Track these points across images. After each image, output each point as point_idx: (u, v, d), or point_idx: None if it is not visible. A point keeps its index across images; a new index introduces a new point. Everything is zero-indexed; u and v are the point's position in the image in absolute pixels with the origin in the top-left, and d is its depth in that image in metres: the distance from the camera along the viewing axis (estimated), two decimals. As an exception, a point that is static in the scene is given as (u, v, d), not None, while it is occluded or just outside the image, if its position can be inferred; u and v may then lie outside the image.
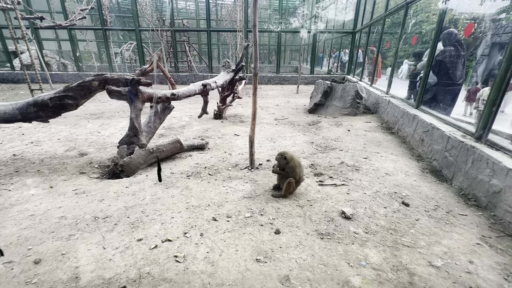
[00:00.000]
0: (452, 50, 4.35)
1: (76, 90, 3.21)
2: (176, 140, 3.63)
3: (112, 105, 7.46)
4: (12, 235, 1.98)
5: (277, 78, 13.04)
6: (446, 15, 4.42)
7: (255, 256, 1.80)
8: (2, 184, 2.85)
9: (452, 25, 9.80)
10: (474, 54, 10.05)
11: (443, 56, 4.45)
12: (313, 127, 5.35)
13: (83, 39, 15.65)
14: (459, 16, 9.96)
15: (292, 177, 2.50)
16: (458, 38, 4.38)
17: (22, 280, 1.58)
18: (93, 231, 2.04)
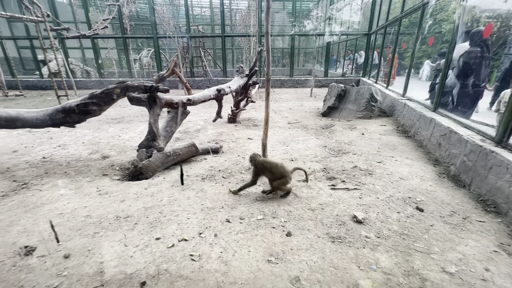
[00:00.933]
0: (477, 51, 4.22)
1: (100, 97, 3.43)
2: (191, 144, 3.77)
3: (131, 110, 7.80)
4: (45, 231, 2.16)
5: (290, 81, 13.07)
6: (466, 13, 4.30)
7: (266, 257, 1.86)
8: (34, 185, 3.09)
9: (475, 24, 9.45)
10: (500, 53, 9.60)
11: (468, 58, 4.32)
12: (327, 131, 5.34)
13: (104, 47, 16.47)
14: (481, 14, 9.58)
15: (269, 177, 2.66)
16: (485, 38, 4.24)
17: (54, 272, 1.73)
18: (115, 229, 2.19)
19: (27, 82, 12.57)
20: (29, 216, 2.42)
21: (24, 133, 5.37)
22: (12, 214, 2.45)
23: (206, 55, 15.59)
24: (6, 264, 1.82)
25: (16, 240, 2.05)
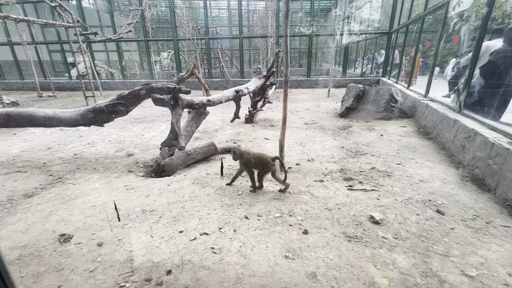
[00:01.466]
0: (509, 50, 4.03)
1: (127, 98, 3.66)
2: (211, 143, 3.91)
3: (153, 110, 8.13)
4: (79, 221, 2.37)
5: (307, 82, 13.00)
6: (495, 9, 4.11)
7: (284, 252, 1.93)
8: (68, 179, 3.36)
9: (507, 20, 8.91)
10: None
11: (498, 56, 4.13)
12: (344, 132, 5.30)
13: (127, 49, 17.22)
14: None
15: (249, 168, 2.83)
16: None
17: (89, 258, 1.91)
18: (142, 222, 2.35)
19: (58, 84, 13.42)
20: (65, 207, 2.64)
21: (56, 131, 5.78)
22: (51, 205, 2.69)
23: (223, 56, 15.86)
24: (48, 249, 2.02)
25: (55, 228, 2.27)
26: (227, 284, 1.66)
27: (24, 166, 3.79)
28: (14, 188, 3.09)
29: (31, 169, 3.67)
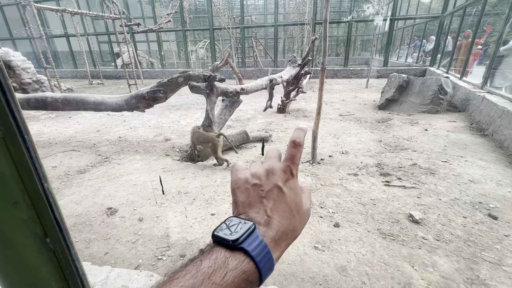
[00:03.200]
0: None
1: (166, 85, 3.83)
2: (243, 131, 3.96)
3: (189, 98, 8.44)
4: (123, 197, 2.59)
5: (344, 72, 12.37)
6: None
7: (313, 243, 1.91)
8: (114, 159, 3.67)
9: None
10: None
11: None
12: (383, 125, 4.98)
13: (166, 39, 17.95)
14: None
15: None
16: None
17: (132, 231, 2.09)
18: (177, 202, 2.49)
19: (105, 72, 14.57)
20: (111, 184, 2.91)
21: (104, 115, 6.32)
22: (99, 181, 2.98)
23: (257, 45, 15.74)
24: (97, 220, 2.25)
25: (103, 202, 2.51)
26: (255, 268, 1.69)
27: (78, 146, 4.23)
28: (70, 165, 3.48)
29: (83, 149, 4.09)
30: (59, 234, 0.77)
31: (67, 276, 0.83)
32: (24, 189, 0.69)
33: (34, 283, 0.78)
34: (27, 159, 0.66)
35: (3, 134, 0.63)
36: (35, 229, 0.73)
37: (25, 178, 0.68)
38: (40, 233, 0.74)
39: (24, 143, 0.65)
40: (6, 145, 0.64)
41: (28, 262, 0.75)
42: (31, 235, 0.73)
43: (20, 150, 0.65)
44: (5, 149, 0.64)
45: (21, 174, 0.67)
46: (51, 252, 0.78)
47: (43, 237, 0.75)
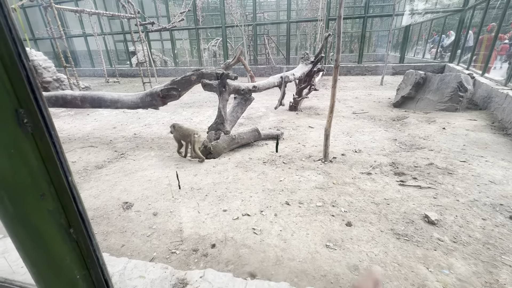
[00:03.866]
0: None
1: (180, 83, 3.90)
2: (255, 129, 3.97)
3: (201, 96, 8.54)
4: (138, 192, 2.67)
5: (358, 69, 12.10)
6: None
7: (325, 242, 1.90)
8: (129, 155, 3.78)
9: None
10: None
11: None
12: (398, 123, 4.85)
13: (179, 38, 18.18)
14: None
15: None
16: None
17: (146, 225, 2.15)
18: (190, 198, 2.54)
19: (121, 71, 14.96)
20: (127, 179, 3.00)
21: (120, 113, 6.51)
22: (116, 176, 3.09)
23: (269, 43, 15.65)
24: (114, 213, 2.34)
25: (119, 196, 2.60)
26: (266, 264, 1.71)
27: (95, 142, 4.39)
28: (88, 160, 3.61)
29: (100, 145, 4.24)
30: (81, 225, 0.81)
31: (88, 265, 0.88)
32: (50, 181, 0.73)
33: (59, 271, 0.83)
34: (53, 153, 0.70)
35: (32, 130, 0.67)
36: (60, 220, 0.78)
37: (51, 172, 0.72)
38: (64, 223, 0.79)
39: (50, 138, 0.69)
40: (34, 141, 0.68)
41: (53, 250, 0.80)
42: (56, 225, 0.78)
43: (47, 145, 0.69)
44: (34, 144, 0.68)
45: (47, 167, 0.71)
46: (74, 242, 0.83)
47: (67, 228, 0.80)
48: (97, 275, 0.89)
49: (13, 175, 0.67)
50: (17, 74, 0.61)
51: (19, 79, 0.62)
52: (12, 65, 0.60)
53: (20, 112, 0.63)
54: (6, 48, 0.58)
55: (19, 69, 0.60)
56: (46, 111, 0.67)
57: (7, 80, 0.61)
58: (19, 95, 0.63)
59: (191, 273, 1.18)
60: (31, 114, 0.65)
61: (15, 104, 0.63)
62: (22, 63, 0.61)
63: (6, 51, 0.58)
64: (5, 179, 0.67)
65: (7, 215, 0.72)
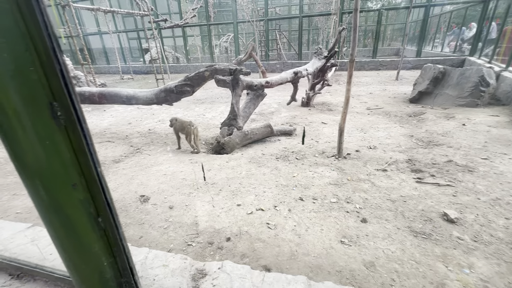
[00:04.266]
0: None
1: (193, 79, 3.94)
2: (267, 125, 3.97)
3: (213, 92, 8.59)
4: (154, 186, 2.74)
5: (372, 63, 11.80)
6: None
7: (339, 237, 1.89)
8: (144, 150, 3.88)
9: None
10: None
11: None
12: (414, 119, 4.71)
13: (191, 34, 18.29)
14: None
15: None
16: None
17: (163, 218, 2.21)
18: (205, 192, 2.58)
19: (135, 68, 15.25)
20: (143, 173, 3.08)
21: (134, 109, 6.66)
22: (132, 170, 3.17)
23: (281, 38, 15.49)
24: (132, 206, 2.41)
25: (137, 190, 2.68)
26: (281, 258, 1.72)
27: (112, 137, 4.52)
28: (106, 155, 3.73)
29: (117, 140, 4.36)
30: (109, 215, 0.85)
31: (115, 253, 0.91)
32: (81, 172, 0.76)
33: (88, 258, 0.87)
34: (84, 145, 0.73)
35: (64, 122, 0.70)
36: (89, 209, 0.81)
37: (82, 163, 0.75)
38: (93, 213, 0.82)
39: (82, 131, 0.72)
40: (67, 133, 0.71)
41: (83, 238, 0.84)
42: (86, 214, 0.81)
43: (79, 138, 0.72)
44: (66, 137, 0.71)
45: (79, 159, 0.74)
46: (102, 230, 0.86)
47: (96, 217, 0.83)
48: (123, 263, 0.92)
49: (47, 166, 0.71)
50: (52, 69, 0.64)
51: (54, 73, 0.64)
52: (47, 60, 0.62)
53: (54, 105, 0.66)
54: (43, 44, 0.61)
55: (54, 64, 0.63)
56: (78, 104, 0.70)
57: (42, 75, 0.63)
58: (53, 89, 0.65)
59: (209, 264, 1.21)
60: (64, 107, 0.68)
61: (49, 97, 0.66)
62: (57, 58, 0.63)
63: (42, 47, 0.61)
64: (40, 169, 0.71)
65: (42, 204, 0.76)
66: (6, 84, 0.60)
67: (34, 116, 0.65)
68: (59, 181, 0.73)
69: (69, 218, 0.78)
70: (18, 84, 0.61)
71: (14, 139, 0.66)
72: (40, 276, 1.17)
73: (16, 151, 0.68)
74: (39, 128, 0.67)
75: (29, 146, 0.68)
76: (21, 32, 0.59)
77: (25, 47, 0.60)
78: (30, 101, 0.63)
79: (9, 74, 0.59)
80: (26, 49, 0.60)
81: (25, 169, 0.70)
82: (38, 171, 0.71)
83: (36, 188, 0.73)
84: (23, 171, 0.71)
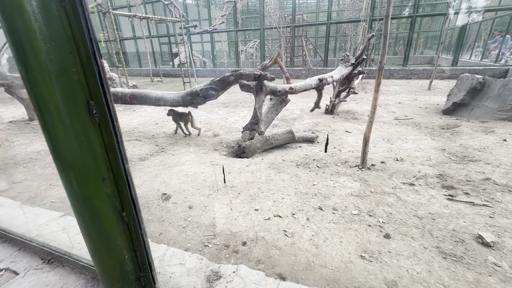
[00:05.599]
0: None
1: (218, 83, 4.03)
2: (289, 131, 3.94)
3: (237, 96, 8.73)
4: (176, 185, 2.82)
5: (402, 72, 11.31)
6: None
7: (359, 252, 1.81)
8: (168, 150, 4.02)
9: None
10: None
11: None
12: (447, 132, 4.42)
13: (219, 40, 18.84)
14: None
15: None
16: None
17: (182, 217, 2.27)
18: (223, 195, 2.61)
19: (164, 71, 15.97)
20: (166, 172, 3.19)
21: (161, 110, 6.94)
22: (156, 169, 3.30)
23: (307, 44, 15.40)
24: (154, 203, 2.50)
25: (159, 188, 2.78)
26: (297, 268, 1.68)
27: (140, 136, 4.74)
28: (133, 152, 3.92)
29: (144, 139, 4.57)
30: (133, 210, 0.89)
31: (136, 247, 0.95)
32: (110, 168, 0.81)
33: (111, 250, 0.91)
34: (115, 143, 0.78)
35: (99, 120, 0.74)
36: (115, 203, 0.85)
37: (112, 159, 0.80)
38: (118, 207, 0.86)
39: (113, 129, 0.77)
40: (100, 130, 0.76)
41: (108, 231, 0.88)
42: (112, 208, 0.86)
43: (110, 135, 0.77)
44: (99, 133, 0.76)
45: (109, 155, 0.79)
46: (125, 224, 0.90)
47: (120, 211, 0.87)
48: (143, 258, 0.96)
49: (81, 160, 0.76)
50: (91, 70, 0.69)
51: (92, 74, 0.69)
52: (88, 62, 0.68)
53: (91, 104, 0.71)
54: (84, 47, 0.66)
55: (93, 65, 0.68)
56: (112, 104, 0.74)
57: (82, 75, 0.69)
58: (91, 89, 0.70)
59: (224, 267, 1.21)
60: (100, 106, 0.73)
61: (87, 96, 0.71)
62: (96, 61, 0.68)
63: (84, 50, 0.66)
64: (74, 163, 0.76)
65: (74, 194, 0.81)
66: (52, 83, 0.65)
67: (72, 113, 0.70)
68: (90, 175, 0.78)
69: (97, 211, 0.82)
70: (61, 84, 0.66)
71: (54, 133, 0.72)
72: (68, 263, 1.24)
73: (55, 144, 0.74)
74: (76, 125, 0.72)
75: (66, 141, 0.73)
76: (67, 36, 0.64)
77: (69, 50, 0.65)
78: (70, 99, 0.69)
79: (55, 75, 0.65)
80: (70, 52, 0.65)
81: (61, 161, 0.76)
82: (72, 164, 0.76)
83: (70, 180, 0.78)
84: (60, 164, 0.76)
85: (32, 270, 1.23)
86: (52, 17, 0.62)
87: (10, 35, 0.62)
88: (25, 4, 0.59)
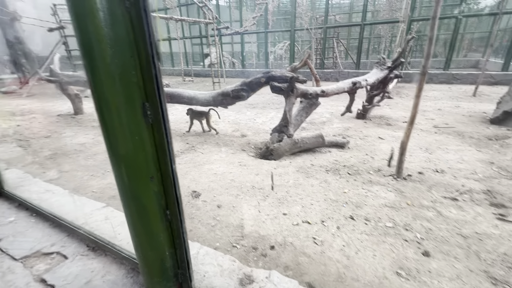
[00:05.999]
0: None
1: (249, 84, 4.06)
2: (319, 135, 3.85)
3: (265, 97, 8.74)
4: (205, 184, 2.89)
5: (443, 76, 10.52)
6: None
7: (395, 268, 1.70)
8: (198, 149, 4.13)
9: None
10: None
11: None
12: (496, 143, 4.02)
13: (249, 41, 19.04)
14: None
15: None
16: None
17: (211, 215, 2.31)
18: (251, 196, 2.62)
19: (195, 71, 16.51)
20: (195, 170, 3.28)
21: (192, 109, 7.17)
22: (187, 166, 3.41)
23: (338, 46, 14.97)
24: (184, 200, 2.58)
25: (189, 185, 2.86)
26: (327, 279, 1.62)
27: (172, 134, 4.93)
28: (165, 149, 4.09)
29: (175, 136, 4.75)
30: (176, 209, 0.91)
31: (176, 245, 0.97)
32: (158, 167, 0.83)
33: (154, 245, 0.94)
34: (165, 143, 0.80)
35: (152, 121, 0.77)
36: (161, 201, 0.88)
37: (161, 159, 0.82)
38: (163, 205, 0.89)
39: (165, 130, 0.79)
40: (152, 130, 0.78)
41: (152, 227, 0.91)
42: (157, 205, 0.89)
43: (162, 136, 0.79)
44: (151, 134, 0.79)
45: (159, 154, 0.82)
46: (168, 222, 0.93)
47: (165, 209, 0.90)
48: (182, 255, 0.98)
49: (133, 158, 0.79)
50: (149, 73, 0.72)
51: (149, 77, 0.72)
52: (146, 65, 0.70)
53: (146, 105, 0.74)
54: (145, 51, 0.69)
55: (151, 68, 0.71)
56: (165, 105, 0.77)
57: (140, 78, 0.72)
58: (147, 91, 0.73)
59: (257, 271, 1.20)
60: (154, 107, 0.75)
61: (143, 98, 0.74)
62: (154, 64, 0.71)
63: (144, 53, 0.69)
64: (127, 160, 0.80)
65: (124, 189, 0.85)
66: (114, 85, 0.69)
67: (129, 113, 0.74)
68: (140, 173, 0.81)
69: (144, 207, 0.86)
70: (122, 85, 0.70)
71: (112, 131, 0.76)
72: (110, 252, 1.32)
73: (111, 141, 0.78)
74: (131, 124, 0.75)
75: (122, 139, 0.77)
76: (129, 40, 0.67)
77: (131, 53, 0.68)
78: (129, 100, 0.72)
79: (117, 77, 0.68)
80: (132, 55, 0.68)
81: (116, 157, 0.80)
82: (126, 161, 0.80)
83: (122, 176, 0.82)
84: (114, 159, 0.81)
85: (79, 256, 1.32)
86: (118, 22, 0.65)
87: (81, 38, 0.66)
88: (96, 9, 0.63)
